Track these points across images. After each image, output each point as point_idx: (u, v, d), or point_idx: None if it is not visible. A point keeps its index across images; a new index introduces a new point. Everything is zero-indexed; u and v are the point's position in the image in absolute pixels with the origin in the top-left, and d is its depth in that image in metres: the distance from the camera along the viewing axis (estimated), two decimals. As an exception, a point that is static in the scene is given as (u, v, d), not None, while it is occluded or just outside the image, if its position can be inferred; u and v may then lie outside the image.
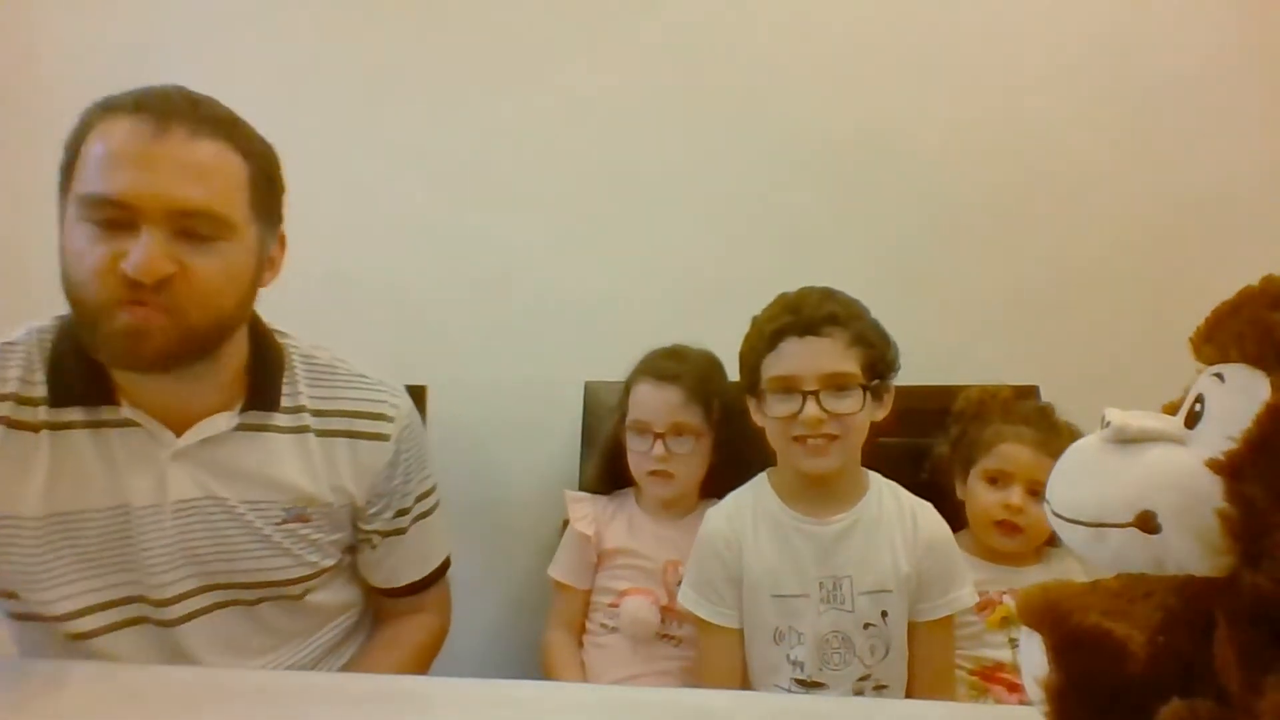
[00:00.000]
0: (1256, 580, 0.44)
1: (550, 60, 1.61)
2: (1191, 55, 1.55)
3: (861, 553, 1.10)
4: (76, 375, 0.88)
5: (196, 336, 0.84)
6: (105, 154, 0.80)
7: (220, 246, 0.83)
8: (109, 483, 0.89)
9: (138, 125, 0.80)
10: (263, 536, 0.94)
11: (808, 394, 1.05)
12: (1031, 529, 1.22)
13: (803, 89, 1.58)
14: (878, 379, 1.09)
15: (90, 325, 0.81)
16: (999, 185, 1.57)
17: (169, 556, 0.91)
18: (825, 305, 1.08)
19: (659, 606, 1.23)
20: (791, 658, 1.09)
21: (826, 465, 1.08)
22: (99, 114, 0.83)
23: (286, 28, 1.63)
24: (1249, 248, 1.49)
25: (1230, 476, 0.45)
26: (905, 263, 1.56)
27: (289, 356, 0.99)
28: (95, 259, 0.79)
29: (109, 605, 0.91)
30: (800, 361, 1.07)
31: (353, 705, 0.77)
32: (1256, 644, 0.45)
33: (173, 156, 0.80)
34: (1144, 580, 0.50)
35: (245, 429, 0.94)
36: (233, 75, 1.67)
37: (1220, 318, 0.50)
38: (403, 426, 1.03)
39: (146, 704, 0.74)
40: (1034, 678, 0.51)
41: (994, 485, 1.25)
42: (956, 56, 1.58)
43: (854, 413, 1.06)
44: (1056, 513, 0.51)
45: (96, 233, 0.80)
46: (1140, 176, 1.56)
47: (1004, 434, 1.25)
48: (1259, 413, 0.45)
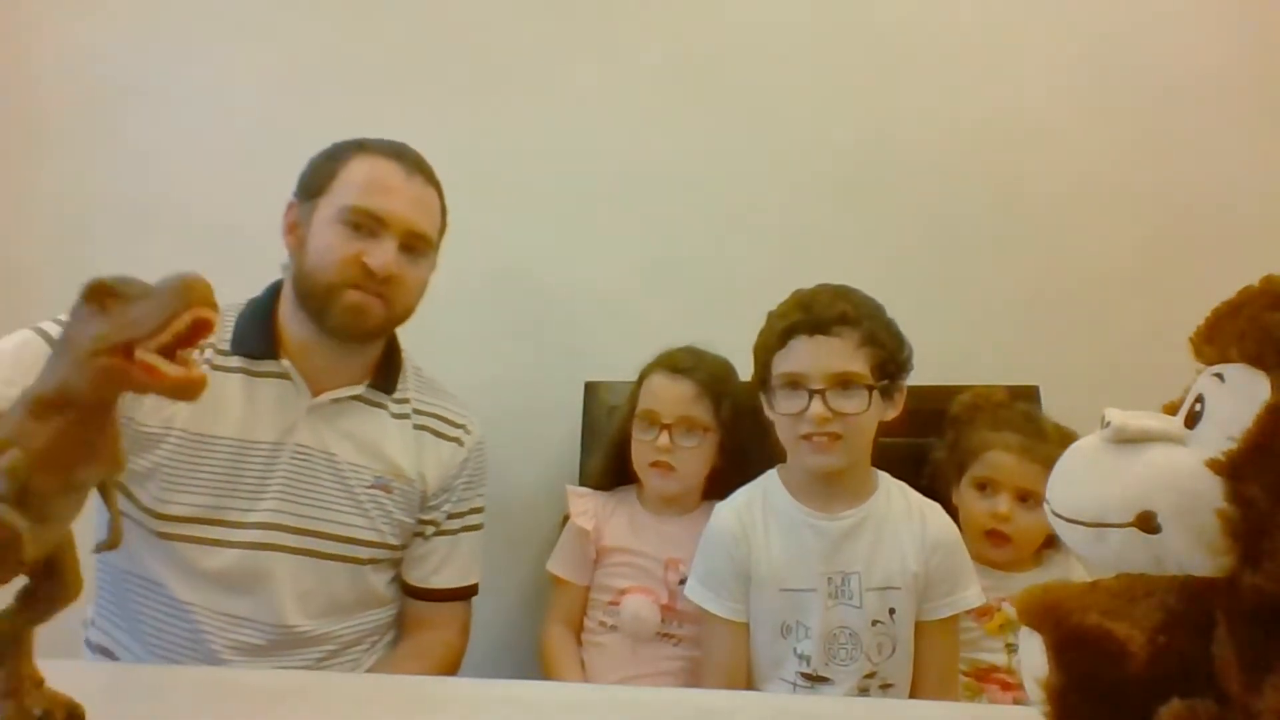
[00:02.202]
0: (1256, 580, 0.44)
1: (551, 60, 1.61)
2: (1192, 57, 1.55)
3: (870, 549, 1.10)
4: (255, 334, 1.11)
5: (391, 322, 1.13)
6: (371, 180, 1.08)
7: (421, 261, 1.13)
8: (245, 418, 1.07)
9: (396, 166, 1.10)
10: (351, 494, 1.11)
11: (814, 392, 1.06)
12: (1020, 539, 1.22)
13: (806, 91, 1.59)
14: (887, 379, 1.09)
15: (323, 298, 1.06)
16: (1000, 186, 1.57)
17: (269, 489, 1.07)
18: (837, 305, 1.08)
19: (659, 605, 1.23)
20: (798, 651, 1.09)
21: (830, 463, 1.08)
22: (356, 151, 1.10)
23: (285, 29, 1.63)
24: (1249, 248, 1.49)
25: (1230, 476, 0.45)
26: (906, 263, 1.55)
27: (406, 360, 1.23)
28: (343, 251, 1.06)
29: (205, 521, 1.05)
30: (808, 360, 1.07)
31: (355, 705, 0.77)
32: (1256, 644, 0.45)
33: (414, 193, 1.11)
34: (1144, 580, 0.50)
35: (365, 402, 1.15)
36: (232, 77, 1.67)
37: (1220, 318, 0.51)
38: (476, 441, 1.24)
39: (147, 702, 0.74)
40: (1034, 678, 0.51)
41: (983, 492, 1.25)
42: (958, 60, 1.58)
43: (859, 413, 1.06)
44: (1056, 513, 0.51)
45: (348, 233, 1.06)
46: (1141, 177, 1.56)
47: (991, 441, 1.25)
48: (1259, 413, 0.45)
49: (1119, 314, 1.55)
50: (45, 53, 1.66)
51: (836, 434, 1.07)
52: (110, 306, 0.49)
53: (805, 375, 1.07)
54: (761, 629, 1.11)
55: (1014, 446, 1.23)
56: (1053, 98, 1.56)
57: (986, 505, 1.24)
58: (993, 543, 1.24)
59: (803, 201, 1.58)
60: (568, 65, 1.61)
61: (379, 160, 1.10)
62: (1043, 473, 1.19)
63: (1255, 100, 1.54)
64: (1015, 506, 1.22)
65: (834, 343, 1.07)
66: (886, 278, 1.18)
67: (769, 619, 1.10)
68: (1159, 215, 1.55)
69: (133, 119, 1.65)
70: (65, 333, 0.51)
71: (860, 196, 1.58)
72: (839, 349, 1.07)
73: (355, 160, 1.10)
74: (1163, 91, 1.55)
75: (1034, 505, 1.21)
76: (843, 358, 1.07)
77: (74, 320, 0.51)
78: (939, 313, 1.55)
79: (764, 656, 1.11)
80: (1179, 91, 1.55)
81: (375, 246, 1.06)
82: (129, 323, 0.49)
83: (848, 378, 1.06)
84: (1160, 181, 1.55)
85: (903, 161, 1.57)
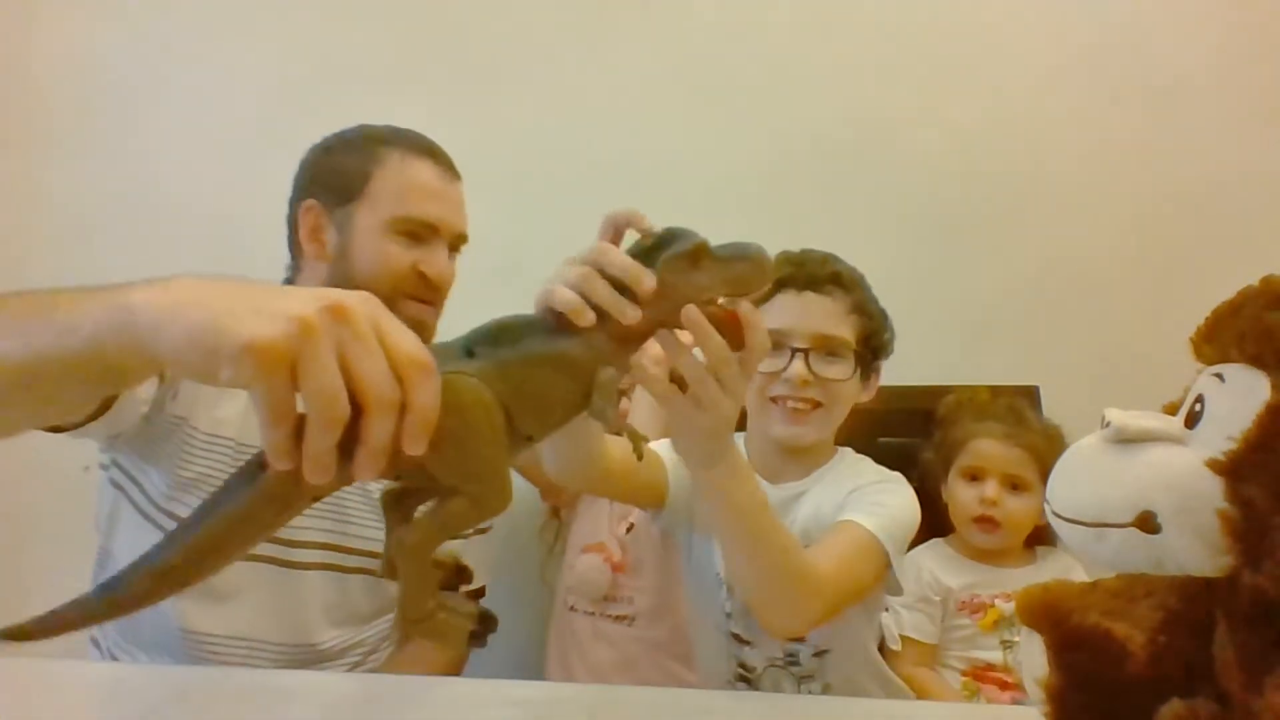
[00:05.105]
0: (1256, 580, 0.44)
1: (552, 58, 1.61)
2: (1192, 56, 1.55)
3: (804, 522, 1.02)
4: None
5: (437, 326, 1.10)
6: (415, 184, 1.06)
7: (456, 261, 1.12)
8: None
9: (433, 166, 1.08)
10: (375, 508, 1.03)
11: (797, 351, 0.98)
12: (1009, 523, 1.24)
13: (804, 89, 1.59)
14: (870, 354, 1.04)
15: None
16: (1000, 186, 1.57)
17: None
18: (831, 264, 1.04)
19: (610, 564, 1.25)
20: (725, 609, 1.04)
21: (802, 435, 1.01)
22: (384, 147, 1.06)
23: (285, 28, 1.63)
24: (1249, 247, 1.49)
25: (1230, 476, 0.45)
26: (905, 262, 1.55)
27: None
28: (399, 261, 1.04)
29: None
30: (795, 316, 1.00)
31: (353, 705, 0.77)
32: (1256, 644, 0.45)
33: (455, 194, 1.10)
34: (1144, 580, 0.50)
35: None
36: (231, 76, 1.67)
37: (1220, 318, 0.50)
38: None
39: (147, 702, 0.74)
40: (1034, 678, 0.51)
41: (971, 482, 1.27)
42: (956, 56, 1.58)
43: (842, 380, 0.99)
44: (1056, 513, 0.51)
45: (403, 242, 1.05)
46: (1141, 176, 1.56)
47: (975, 431, 1.28)
48: (1259, 413, 0.45)
49: (1119, 314, 1.55)
50: (45, 52, 1.66)
51: (816, 401, 0.99)
52: (705, 265, 0.59)
53: (789, 332, 0.99)
54: (701, 580, 1.06)
55: (998, 434, 1.26)
56: (1052, 97, 1.56)
57: (975, 492, 1.26)
58: (982, 528, 1.25)
59: (803, 202, 1.58)
60: (568, 64, 1.61)
61: (413, 160, 1.07)
62: (1027, 458, 1.23)
63: (1256, 100, 1.54)
64: (1003, 492, 1.24)
65: (825, 302, 1.00)
66: (885, 277, 1.18)
67: (707, 569, 1.05)
68: (1159, 215, 1.55)
69: (133, 119, 1.64)
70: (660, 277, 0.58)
71: (859, 195, 1.58)
72: (830, 309, 1.00)
73: (389, 161, 1.06)
74: (1163, 90, 1.55)
75: (1021, 491, 1.24)
76: (833, 319, 1.00)
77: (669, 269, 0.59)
78: (938, 312, 1.55)
79: (701, 604, 1.08)
80: (1179, 90, 1.55)
81: (429, 254, 1.05)
82: (732, 279, 0.60)
83: (835, 342, 1.00)
84: (1160, 181, 1.55)
85: (901, 160, 1.57)
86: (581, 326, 0.57)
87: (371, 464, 0.45)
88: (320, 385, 0.43)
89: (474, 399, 0.50)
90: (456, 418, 0.48)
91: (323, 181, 1.08)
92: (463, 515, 0.51)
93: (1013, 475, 1.24)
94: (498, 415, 0.51)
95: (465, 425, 0.49)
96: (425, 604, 0.53)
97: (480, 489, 0.51)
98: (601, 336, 0.57)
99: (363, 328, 0.44)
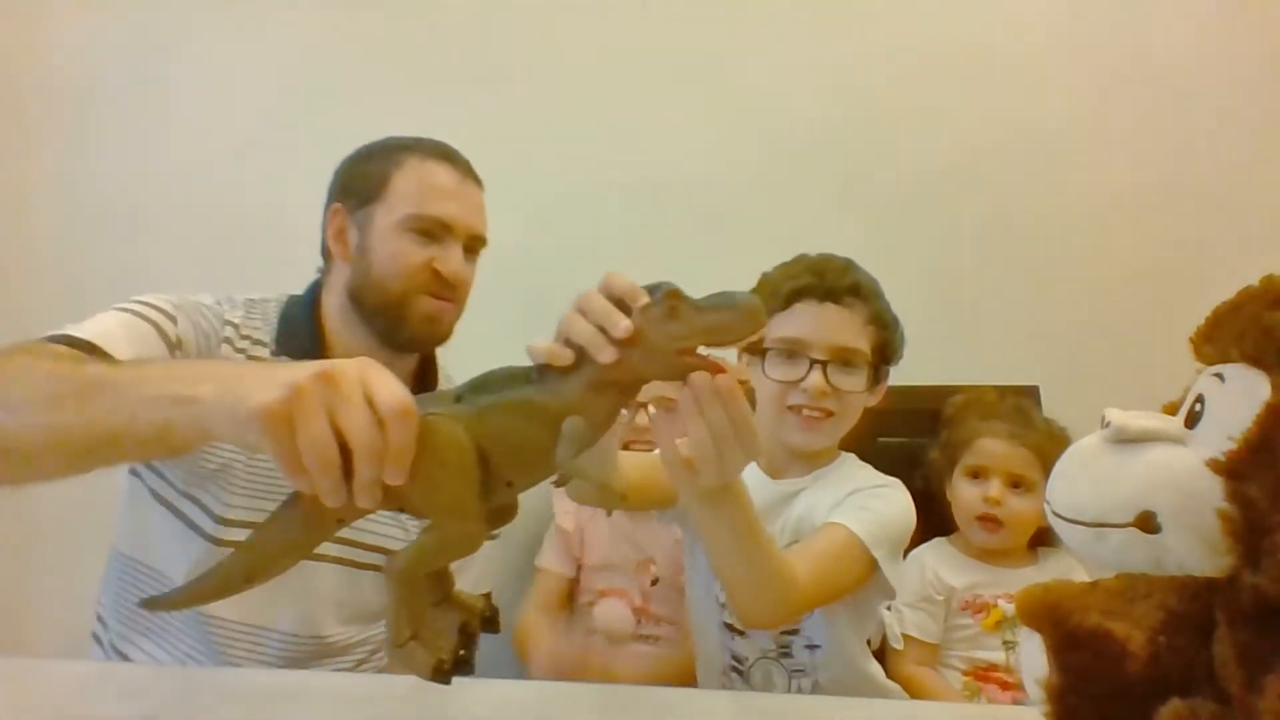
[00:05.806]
0: (1256, 580, 0.44)
1: (553, 59, 1.61)
2: (1193, 56, 1.55)
3: (798, 520, 1.04)
4: (303, 333, 1.08)
5: (455, 324, 1.12)
6: (430, 185, 1.07)
7: (474, 263, 1.13)
8: None
9: (449, 169, 1.10)
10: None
11: (815, 362, 1.00)
12: (1012, 523, 1.24)
13: (810, 93, 1.59)
14: (883, 363, 1.06)
15: (397, 307, 1.06)
16: (999, 186, 1.57)
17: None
18: (850, 275, 1.05)
19: (632, 608, 1.25)
20: (719, 599, 1.06)
21: (816, 442, 1.04)
22: (404, 153, 1.09)
23: (285, 28, 1.63)
24: (1250, 247, 1.49)
25: (1230, 476, 0.44)
26: (906, 263, 1.55)
27: (441, 369, 1.21)
28: (414, 258, 1.05)
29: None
30: (814, 327, 1.02)
31: (353, 705, 0.77)
32: (1256, 644, 0.44)
33: (471, 195, 1.11)
34: (1144, 580, 0.50)
35: None
36: (231, 75, 1.67)
37: (1220, 318, 0.50)
38: None
39: (147, 702, 0.74)
40: (1034, 678, 0.51)
41: (975, 480, 1.27)
42: (959, 59, 1.58)
43: (857, 391, 1.02)
44: (1057, 513, 0.51)
45: (417, 239, 1.06)
46: (1141, 178, 1.56)
47: (980, 430, 1.28)
48: (1259, 413, 0.45)
49: (1119, 314, 1.55)
50: (45, 52, 1.66)
51: (829, 411, 1.02)
52: (682, 313, 0.58)
53: (808, 343, 1.01)
54: (703, 566, 1.07)
55: (1003, 433, 1.26)
56: (1053, 99, 1.56)
57: (978, 491, 1.26)
58: (984, 527, 1.25)
59: (803, 203, 1.58)
60: (569, 64, 1.61)
61: (431, 163, 1.10)
62: (1031, 458, 1.23)
63: (1257, 100, 1.54)
64: (1006, 492, 1.24)
65: (843, 314, 1.02)
66: (887, 277, 1.18)
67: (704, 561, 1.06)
68: (1159, 215, 1.55)
69: (133, 118, 1.65)
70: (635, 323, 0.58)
71: (862, 197, 1.58)
72: (847, 321, 1.02)
73: (408, 164, 1.09)
74: (1163, 92, 1.55)
75: (1024, 491, 1.24)
76: (850, 331, 1.02)
77: (645, 318, 0.58)
78: (939, 313, 1.55)
79: (698, 594, 1.10)
80: (1179, 92, 1.55)
81: (443, 252, 1.07)
82: (707, 328, 0.58)
83: (851, 353, 1.02)
84: (1160, 182, 1.55)
85: (903, 162, 1.57)
86: (564, 372, 0.59)
87: (365, 495, 0.54)
88: (310, 436, 0.53)
89: (446, 439, 0.56)
90: (430, 455, 0.55)
91: (348, 186, 1.11)
92: (434, 549, 0.57)
93: (1017, 475, 1.24)
94: (470, 456, 0.56)
95: (438, 462, 0.55)
96: (404, 631, 0.57)
97: (448, 524, 0.56)
98: (577, 386, 0.59)
99: (347, 388, 0.55)
